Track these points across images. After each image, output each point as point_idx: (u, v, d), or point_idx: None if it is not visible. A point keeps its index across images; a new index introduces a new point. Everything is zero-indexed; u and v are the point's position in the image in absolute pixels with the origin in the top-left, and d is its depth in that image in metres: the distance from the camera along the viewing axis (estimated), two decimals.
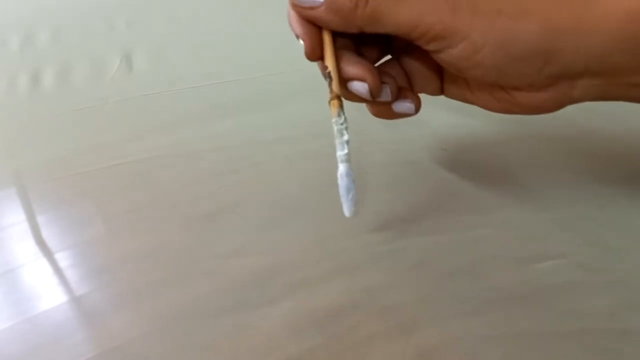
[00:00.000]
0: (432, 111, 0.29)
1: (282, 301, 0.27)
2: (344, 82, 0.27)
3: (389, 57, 0.30)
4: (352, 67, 0.27)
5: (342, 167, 0.27)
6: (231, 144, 0.37)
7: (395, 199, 0.32)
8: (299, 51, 0.27)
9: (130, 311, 0.28)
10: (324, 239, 0.30)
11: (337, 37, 0.27)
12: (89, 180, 0.35)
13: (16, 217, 0.33)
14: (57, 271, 0.30)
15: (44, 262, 0.31)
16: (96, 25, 0.52)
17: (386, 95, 0.28)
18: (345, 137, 0.27)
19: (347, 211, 0.28)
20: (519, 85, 0.26)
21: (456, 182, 0.33)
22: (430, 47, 0.25)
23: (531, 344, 0.25)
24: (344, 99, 0.27)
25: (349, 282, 0.28)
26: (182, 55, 0.47)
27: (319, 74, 0.29)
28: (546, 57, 0.24)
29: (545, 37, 0.24)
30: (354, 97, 0.28)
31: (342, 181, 0.27)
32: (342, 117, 0.27)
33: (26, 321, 0.28)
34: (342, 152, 0.27)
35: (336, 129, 0.27)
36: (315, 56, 0.27)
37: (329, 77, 0.27)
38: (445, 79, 0.30)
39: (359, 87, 0.27)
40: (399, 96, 0.28)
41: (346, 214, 0.28)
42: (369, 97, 0.27)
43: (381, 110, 0.29)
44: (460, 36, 0.24)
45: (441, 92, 0.30)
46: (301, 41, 0.27)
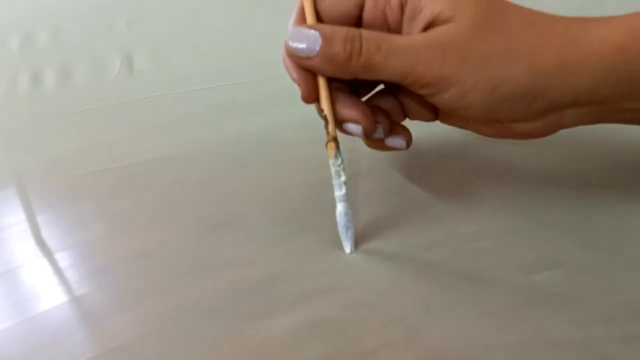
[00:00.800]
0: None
1: (282, 313, 0.27)
2: (339, 122, 0.28)
3: (382, 86, 0.31)
4: (347, 109, 0.27)
5: (340, 207, 0.28)
6: (232, 146, 0.37)
7: (394, 210, 0.32)
8: None
9: (130, 311, 0.28)
10: (324, 250, 0.30)
11: (332, 79, 0.28)
12: (89, 180, 0.35)
13: (16, 217, 0.33)
14: (57, 271, 0.30)
15: (44, 262, 0.31)
16: (97, 25, 0.52)
17: (379, 133, 0.29)
18: (342, 179, 0.28)
19: (346, 248, 0.29)
20: (510, 119, 0.27)
21: (454, 190, 0.33)
22: (422, 92, 0.26)
23: (531, 353, 0.25)
24: (339, 131, 0.28)
25: (350, 294, 0.28)
26: (183, 56, 0.47)
27: None
28: (534, 95, 0.25)
29: (532, 78, 0.25)
30: (349, 133, 0.29)
31: (341, 219, 0.29)
32: (339, 159, 0.28)
33: (26, 321, 0.28)
34: (340, 193, 0.28)
35: (334, 170, 0.28)
36: (311, 99, 0.28)
37: (325, 120, 0.27)
38: (439, 112, 0.30)
39: (354, 129, 0.28)
40: (392, 132, 0.29)
41: (346, 251, 0.29)
42: (362, 137, 0.28)
43: (374, 143, 0.30)
44: (450, 82, 0.25)
45: (436, 119, 0.31)
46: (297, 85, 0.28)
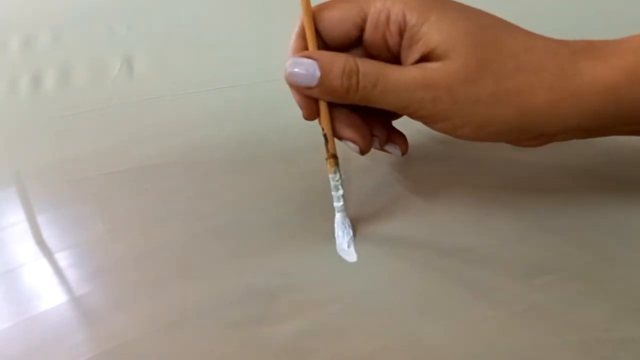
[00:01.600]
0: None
1: (285, 319, 0.27)
2: (338, 138, 0.29)
3: None
4: (345, 129, 0.29)
5: (338, 216, 0.30)
6: (232, 148, 0.38)
7: (392, 217, 0.32)
8: None
9: (130, 311, 0.28)
10: (326, 256, 0.30)
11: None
12: (89, 181, 0.35)
13: (16, 217, 0.33)
14: (57, 271, 0.30)
15: (44, 262, 0.31)
16: (97, 28, 0.52)
17: (376, 145, 0.30)
18: (340, 192, 0.30)
19: (345, 256, 0.30)
20: (502, 143, 0.28)
21: (453, 194, 0.33)
22: (417, 120, 0.27)
23: (530, 356, 0.25)
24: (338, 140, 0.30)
25: (351, 299, 0.27)
26: (183, 59, 0.48)
27: None
28: (522, 131, 0.27)
29: (519, 118, 0.26)
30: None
31: (339, 229, 0.30)
32: (337, 175, 0.29)
33: (26, 321, 0.28)
34: (338, 204, 0.30)
35: (332, 184, 0.30)
36: (312, 119, 0.29)
37: (324, 138, 0.29)
38: None
39: (351, 146, 0.29)
40: (389, 141, 0.31)
41: (347, 258, 0.30)
42: (358, 154, 0.29)
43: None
44: (441, 118, 0.26)
45: None
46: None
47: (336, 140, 0.29)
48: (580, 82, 0.25)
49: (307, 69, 0.26)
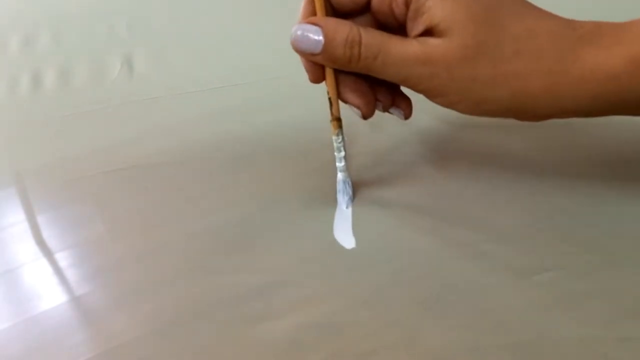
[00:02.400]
0: (419, 115, 0.30)
1: (283, 315, 0.27)
2: (342, 102, 0.30)
3: None
4: (350, 94, 0.29)
5: (340, 175, 0.32)
6: (232, 148, 0.38)
7: (392, 213, 0.32)
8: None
9: (130, 311, 0.28)
10: (325, 253, 0.30)
11: None
12: (89, 181, 0.35)
13: (16, 217, 0.33)
14: (57, 271, 0.30)
15: (44, 262, 0.31)
16: (97, 28, 0.52)
17: (379, 108, 0.31)
18: (342, 153, 0.31)
19: (342, 205, 0.32)
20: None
21: (451, 192, 0.33)
22: (417, 92, 0.28)
23: (531, 354, 0.25)
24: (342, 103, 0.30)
25: (350, 296, 0.28)
26: (183, 58, 0.48)
27: None
28: (517, 112, 0.27)
29: (514, 102, 0.26)
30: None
31: (340, 186, 0.32)
32: (340, 137, 0.31)
33: (26, 321, 0.28)
34: (340, 164, 0.32)
35: (335, 145, 0.31)
36: (318, 82, 0.29)
37: (329, 101, 0.30)
38: None
39: (355, 110, 0.30)
40: (393, 104, 0.31)
41: (343, 208, 0.32)
42: (362, 118, 0.30)
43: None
44: (438, 94, 0.27)
45: None
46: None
47: (341, 103, 0.30)
48: (580, 68, 0.25)
49: (312, 35, 0.27)
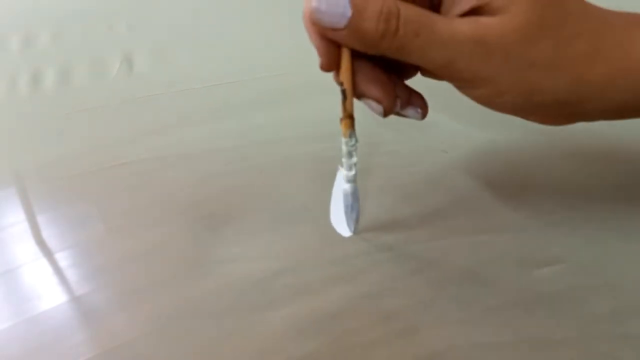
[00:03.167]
0: (435, 114, 0.29)
1: (284, 305, 0.27)
2: (358, 96, 0.25)
3: None
4: (369, 85, 0.25)
5: (348, 187, 0.27)
6: (232, 145, 0.37)
7: (395, 204, 0.32)
8: (301, 52, 0.27)
9: (130, 311, 0.28)
10: (325, 243, 0.30)
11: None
12: (89, 180, 0.35)
13: (16, 217, 0.33)
14: (57, 271, 0.30)
15: (44, 262, 0.31)
16: (97, 26, 0.52)
17: (396, 107, 0.27)
18: (354, 160, 0.26)
19: (349, 228, 0.29)
20: (537, 121, 0.26)
21: (456, 186, 0.33)
22: (454, 84, 0.25)
23: (531, 350, 0.25)
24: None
25: (350, 287, 0.28)
26: (183, 56, 0.47)
27: (321, 76, 0.28)
28: (569, 104, 0.24)
29: (571, 90, 0.23)
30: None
31: (347, 200, 0.28)
32: (352, 139, 0.26)
33: (26, 321, 0.28)
34: (350, 173, 0.27)
35: (346, 149, 0.26)
36: (330, 69, 0.25)
37: (342, 95, 0.25)
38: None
39: (373, 106, 0.25)
40: (409, 103, 0.27)
41: (349, 230, 0.29)
42: (380, 115, 0.25)
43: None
44: (487, 81, 0.23)
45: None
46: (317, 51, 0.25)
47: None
48: (636, 57, 0.23)
49: (337, 5, 0.22)
